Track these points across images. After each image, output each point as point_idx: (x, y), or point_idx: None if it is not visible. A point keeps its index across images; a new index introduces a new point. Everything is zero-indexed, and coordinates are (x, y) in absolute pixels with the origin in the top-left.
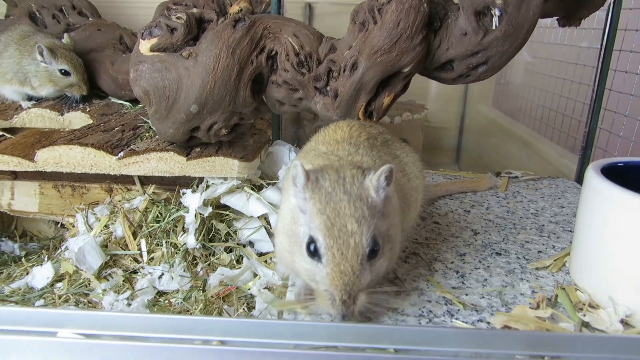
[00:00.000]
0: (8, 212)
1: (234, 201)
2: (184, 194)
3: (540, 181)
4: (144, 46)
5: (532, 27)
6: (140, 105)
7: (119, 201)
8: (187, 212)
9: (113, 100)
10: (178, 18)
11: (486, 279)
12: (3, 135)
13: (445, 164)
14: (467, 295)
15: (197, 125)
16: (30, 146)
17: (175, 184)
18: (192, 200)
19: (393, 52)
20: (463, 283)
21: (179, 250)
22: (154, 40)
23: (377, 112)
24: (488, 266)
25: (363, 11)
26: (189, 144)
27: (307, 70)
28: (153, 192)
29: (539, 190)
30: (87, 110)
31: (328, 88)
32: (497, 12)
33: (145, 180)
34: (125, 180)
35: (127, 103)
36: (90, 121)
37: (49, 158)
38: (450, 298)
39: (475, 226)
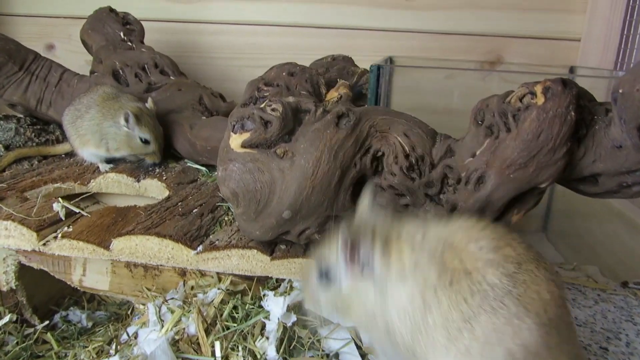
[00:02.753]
0: (79, 288)
1: None
2: (264, 295)
3: None
4: (235, 141)
5: None
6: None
7: (192, 288)
8: (268, 318)
9: (189, 164)
10: (273, 110)
11: None
12: (79, 213)
13: (529, 231)
14: None
15: (287, 230)
16: (106, 229)
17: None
18: (275, 305)
19: (530, 167)
20: None
21: (258, 359)
22: (246, 135)
23: None
24: None
25: (490, 113)
26: (273, 241)
27: (418, 175)
28: (232, 281)
29: None
30: (164, 178)
31: (442, 197)
32: None
33: None
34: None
35: (204, 168)
36: (167, 192)
37: (124, 248)
38: None
39: None
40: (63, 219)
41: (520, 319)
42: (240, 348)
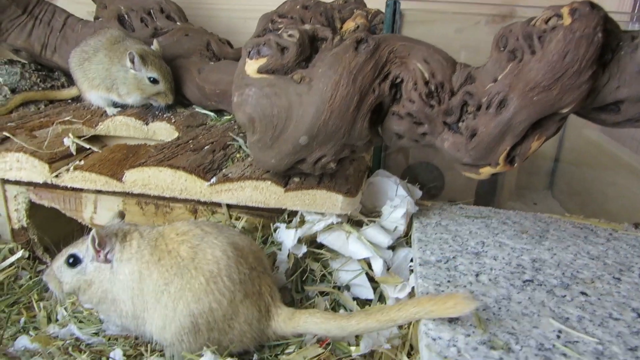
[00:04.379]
0: (89, 226)
1: (331, 240)
2: (276, 228)
3: None
4: (251, 67)
5: None
6: (226, 118)
7: None
8: (280, 249)
9: (197, 109)
10: (290, 36)
11: None
12: (90, 149)
13: (535, 188)
14: None
15: (303, 158)
16: (117, 163)
17: (263, 210)
18: (286, 236)
19: (554, 90)
20: None
21: None
22: (262, 61)
23: (520, 157)
24: None
25: (514, 37)
26: (287, 173)
27: (437, 102)
28: (238, 215)
29: None
30: (173, 121)
31: (460, 125)
32: None
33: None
34: (211, 202)
35: (212, 114)
36: (176, 133)
37: (137, 179)
38: None
39: (636, 303)
40: (74, 153)
41: (194, 277)
42: None
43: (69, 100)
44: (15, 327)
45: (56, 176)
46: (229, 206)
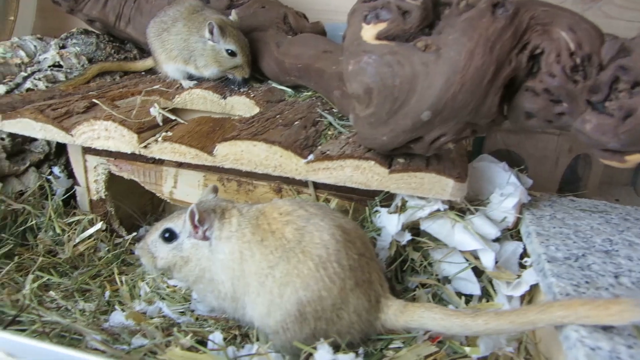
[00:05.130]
0: (169, 200)
1: (436, 228)
2: (376, 212)
3: None
4: (369, 32)
5: None
6: (306, 94)
7: None
8: (379, 235)
9: (274, 85)
10: None
11: None
12: (175, 120)
13: (617, 183)
14: None
15: (420, 136)
16: (206, 136)
17: (354, 193)
18: (389, 222)
19: None
20: None
21: None
22: (381, 26)
23: None
24: None
25: None
26: (393, 152)
27: (583, 77)
28: (327, 197)
29: None
30: (252, 95)
31: (607, 104)
32: None
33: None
34: (297, 181)
35: (289, 90)
36: (256, 108)
37: (229, 153)
38: None
39: None
40: (161, 124)
41: (302, 262)
42: None
43: (143, 73)
44: (99, 300)
45: (145, 147)
46: (315, 186)
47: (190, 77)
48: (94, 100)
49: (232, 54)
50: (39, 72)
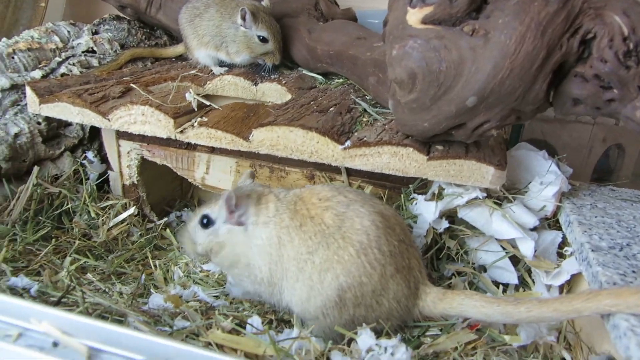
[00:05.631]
0: (200, 186)
1: (473, 216)
2: (412, 199)
3: None
4: (414, 16)
5: None
6: (338, 81)
7: None
8: (415, 222)
9: (304, 72)
10: None
11: None
12: (210, 105)
13: None
14: None
15: (462, 122)
16: (240, 121)
17: (387, 180)
18: (426, 209)
19: None
20: None
21: None
22: (427, 9)
23: None
24: None
25: None
26: (432, 139)
27: (636, 62)
28: (360, 185)
29: None
30: (283, 82)
31: None
32: None
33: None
34: (329, 168)
35: (320, 77)
36: (288, 95)
37: (265, 139)
38: None
39: None
40: (196, 109)
41: (343, 248)
42: None
43: (173, 59)
44: (137, 282)
45: (181, 132)
46: (348, 173)
47: (221, 64)
48: (132, 84)
49: (263, 40)
50: (73, 58)
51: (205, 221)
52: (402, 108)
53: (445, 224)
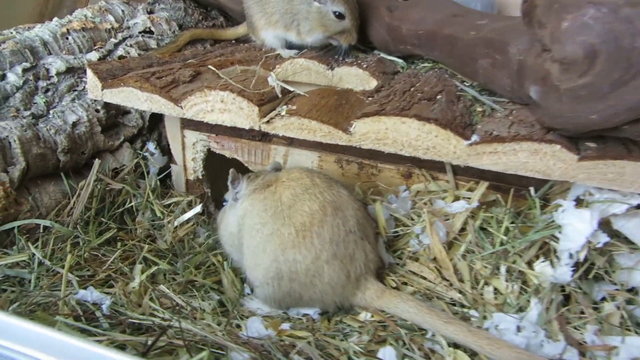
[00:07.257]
0: None
1: (631, 228)
2: (558, 205)
3: None
4: None
5: None
6: (425, 66)
7: (417, 193)
8: (560, 232)
9: (382, 55)
10: None
11: None
12: (294, 92)
13: None
14: None
15: None
16: (334, 110)
17: (502, 181)
18: (578, 219)
19: None
20: None
21: (530, 286)
22: None
23: None
24: None
25: None
26: (585, 134)
27: None
28: (472, 186)
29: None
30: (364, 66)
31: None
32: None
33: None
34: (430, 165)
35: (400, 60)
36: (372, 80)
37: (370, 131)
38: None
39: None
40: (279, 95)
41: (287, 225)
42: (502, 270)
43: (233, 41)
44: (210, 297)
45: (267, 122)
46: (455, 172)
47: (289, 46)
48: (210, 66)
49: (339, 16)
50: (130, 39)
51: (223, 203)
52: (560, 96)
53: (604, 237)
